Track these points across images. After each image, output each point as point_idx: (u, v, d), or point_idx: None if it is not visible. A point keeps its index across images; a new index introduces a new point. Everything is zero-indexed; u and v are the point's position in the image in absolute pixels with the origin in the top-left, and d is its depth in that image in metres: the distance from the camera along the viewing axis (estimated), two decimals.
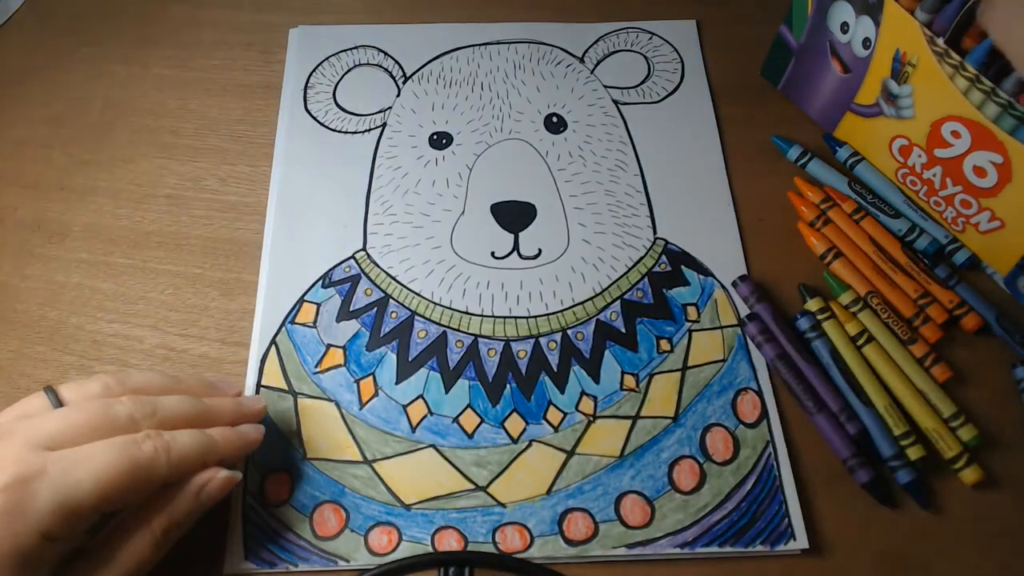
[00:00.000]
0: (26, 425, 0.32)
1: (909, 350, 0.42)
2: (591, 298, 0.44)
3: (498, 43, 0.54)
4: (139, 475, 0.32)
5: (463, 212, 0.47)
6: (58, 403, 0.34)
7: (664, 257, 0.46)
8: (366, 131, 0.50)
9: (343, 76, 0.52)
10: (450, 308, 0.44)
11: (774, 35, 0.50)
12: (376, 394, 0.42)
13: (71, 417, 0.33)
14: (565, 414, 0.41)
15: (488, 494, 0.39)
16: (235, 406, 0.38)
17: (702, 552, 0.38)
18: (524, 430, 0.41)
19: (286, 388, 0.41)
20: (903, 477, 0.39)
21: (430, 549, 0.38)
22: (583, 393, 0.42)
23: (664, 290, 0.45)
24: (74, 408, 0.33)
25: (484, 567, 0.35)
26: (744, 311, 0.44)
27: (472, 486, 0.39)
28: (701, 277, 0.45)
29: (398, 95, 0.51)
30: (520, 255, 0.46)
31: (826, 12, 0.45)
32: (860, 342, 0.43)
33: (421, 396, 0.42)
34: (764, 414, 0.41)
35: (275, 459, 0.40)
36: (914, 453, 0.39)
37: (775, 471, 0.40)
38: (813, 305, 0.43)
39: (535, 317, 0.44)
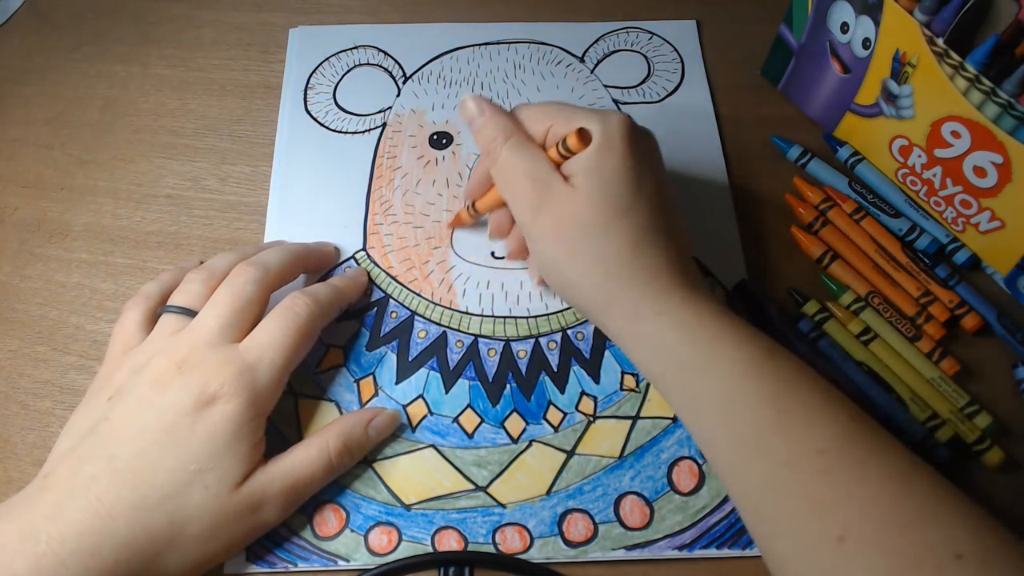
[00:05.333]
0: (195, 335, 0.37)
1: (916, 346, 0.42)
2: None
3: (498, 43, 0.54)
4: (306, 333, 0.39)
5: None
6: (184, 311, 0.39)
7: None
8: (366, 131, 0.50)
9: (343, 76, 0.52)
10: (450, 308, 0.44)
11: (774, 35, 0.50)
12: (376, 394, 0.42)
13: (219, 312, 0.38)
14: (565, 414, 0.41)
15: (488, 494, 0.39)
16: (320, 247, 0.45)
17: (700, 554, 0.38)
18: (524, 430, 0.41)
19: (286, 388, 0.40)
20: (940, 455, 0.39)
21: (430, 549, 0.38)
22: (583, 393, 0.42)
23: None
24: (213, 306, 0.38)
25: (484, 567, 0.35)
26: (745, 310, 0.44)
27: (472, 486, 0.39)
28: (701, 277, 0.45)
29: (398, 95, 0.51)
30: None
31: (826, 12, 0.45)
32: (864, 340, 0.43)
33: (421, 396, 0.42)
34: None
35: None
36: (944, 435, 0.40)
37: None
38: (809, 308, 0.43)
39: (535, 317, 0.44)
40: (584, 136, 0.37)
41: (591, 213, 0.36)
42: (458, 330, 0.43)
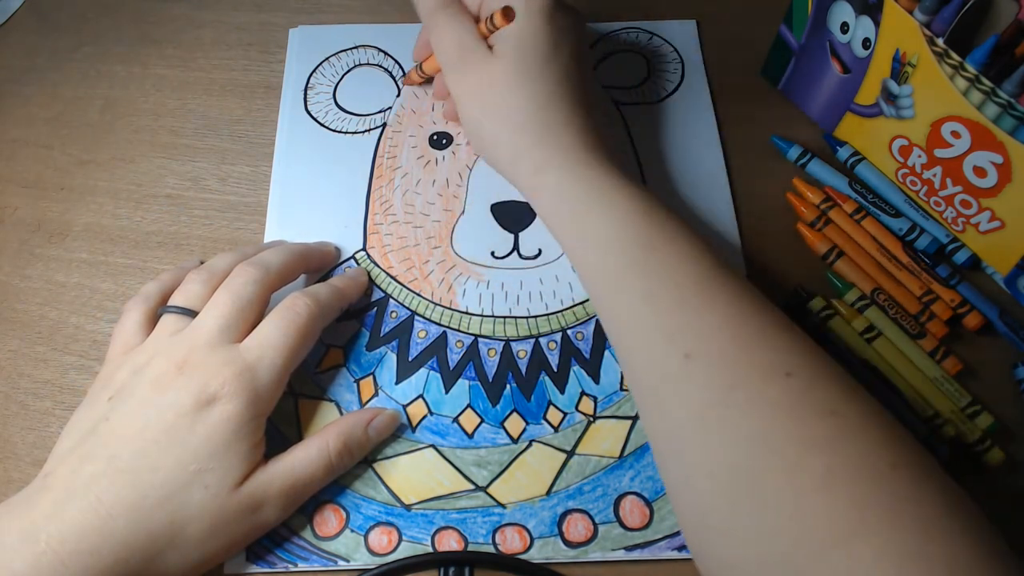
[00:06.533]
0: (195, 335, 0.37)
1: (919, 344, 0.42)
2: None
3: None
4: (307, 334, 0.39)
5: (463, 212, 0.47)
6: (185, 311, 0.39)
7: None
8: (366, 131, 0.50)
9: (343, 76, 0.52)
10: (450, 308, 0.44)
11: (774, 35, 0.50)
12: (376, 394, 0.42)
13: (219, 313, 0.38)
14: (565, 414, 0.41)
15: (488, 494, 0.39)
16: (321, 246, 0.45)
17: None
18: (524, 430, 0.41)
19: (286, 388, 0.40)
20: (941, 454, 0.39)
21: (430, 549, 0.38)
22: (583, 393, 0.42)
23: None
24: (214, 306, 0.38)
25: (484, 567, 0.35)
26: None
27: (472, 486, 0.39)
28: None
29: (398, 95, 0.51)
30: (520, 255, 0.46)
31: (826, 12, 0.45)
32: (868, 337, 0.43)
33: (421, 396, 0.42)
34: None
35: None
36: (945, 434, 0.40)
37: None
38: (816, 304, 0.43)
39: (535, 317, 0.44)
40: (508, 14, 0.41)
41: (504, 74, 0.41)
42: (458, 330, 0.43)
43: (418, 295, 0.44)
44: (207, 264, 0.41)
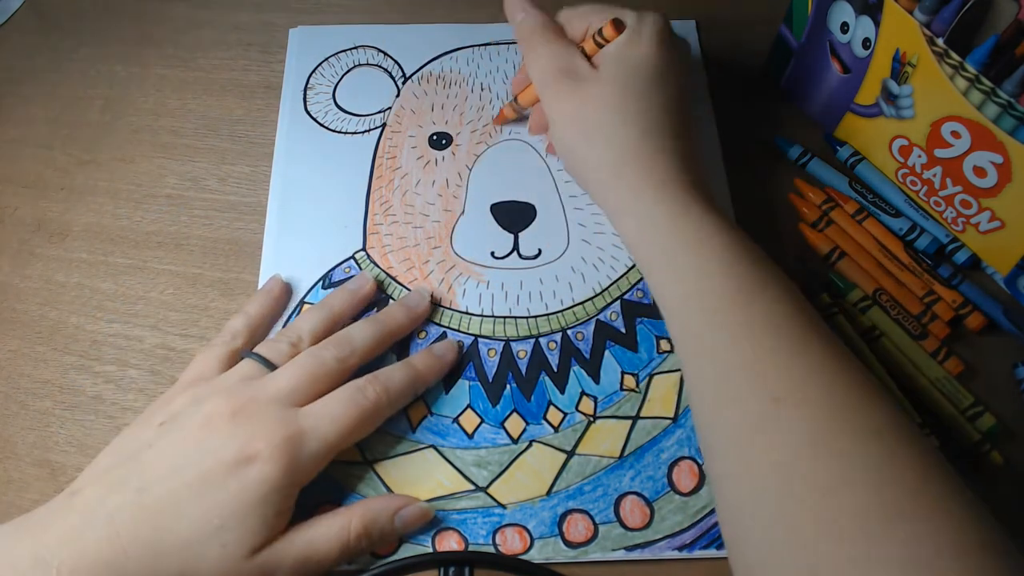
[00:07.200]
0: (263, 387, 0.37)
1: (921, 344, 0.42)
2: (591, 298, 0.44)
3: (498, 43, 0.54)
4: (368, 419, 0.38)
5: (463, 212, 0.47)
6: (265, 362, 0.39)
7: None
8: (366, 131, 0.50)
9: (343, 76, 0.52)
10: (450, 308, 0.44)
11: (774, 35, 0.50)
12: None
13: (295, 374, 0.38)
14: (565, 414, 0.41)
15: (488, 495, 0.39)
16: (403, 310, 0.43)
17: (700, 554, 0.38)
18: (524, 430, 0.41)
19: None
20: None
21: (430, 550, 0.38)
22: (583, 393, 0.42)
23: None
24: (293, 366, 0.38)
25: (484, 567, 0.35)
26: None
27: (472, 487, 0.39)
28: None
29: (398, 95, 0.51)
30: (520, 255, 0.46)
31: (826, 12, 0.45)
32: (871, 338, 0.43)
33: (421, 396, 0.42)
34: None
35: None
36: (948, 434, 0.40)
37: None
38: (821, 301, 0.43)
39: (535, 317, 0.44)
40: (618, 25, 0.41)
41: (609, 95, 0.40)
42: (458, 330, 0.43)
43: None
44: (300, 324, 0.41)
